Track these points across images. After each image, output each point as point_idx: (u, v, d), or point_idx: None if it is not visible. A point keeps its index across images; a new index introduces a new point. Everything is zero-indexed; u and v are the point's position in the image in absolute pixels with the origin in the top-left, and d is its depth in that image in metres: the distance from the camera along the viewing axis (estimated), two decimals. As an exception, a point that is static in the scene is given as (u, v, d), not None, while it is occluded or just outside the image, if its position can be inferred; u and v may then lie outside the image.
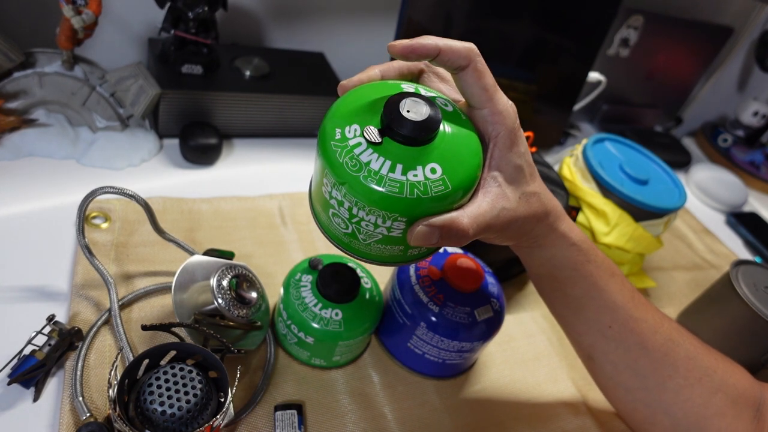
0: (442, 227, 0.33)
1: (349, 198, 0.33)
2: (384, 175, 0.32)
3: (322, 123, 0.35)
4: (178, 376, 0.39)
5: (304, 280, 0.50)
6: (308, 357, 0.51)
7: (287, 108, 0.78)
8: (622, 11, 0.99)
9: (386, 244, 0.35)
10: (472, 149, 0.35)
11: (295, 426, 0.46)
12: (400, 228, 0.34)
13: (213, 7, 0.70)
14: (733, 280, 0.64)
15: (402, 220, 0.33)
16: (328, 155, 0.33)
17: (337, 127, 0.34)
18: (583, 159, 0.72)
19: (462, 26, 0.75)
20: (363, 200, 0.33)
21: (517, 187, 0.36)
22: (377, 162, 0.32)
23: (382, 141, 0.33)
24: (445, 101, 0.36)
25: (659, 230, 0.71)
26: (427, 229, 0.33)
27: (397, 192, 0.32)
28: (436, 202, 0.33)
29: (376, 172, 0.32)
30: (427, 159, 0.33)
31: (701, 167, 1.12)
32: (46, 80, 0.64)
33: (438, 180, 0.33)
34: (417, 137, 0.32)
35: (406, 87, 0.36)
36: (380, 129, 0.33)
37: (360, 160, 0.32)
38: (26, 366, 0.42)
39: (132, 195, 0.48)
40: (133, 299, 0.52)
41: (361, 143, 0.33)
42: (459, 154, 0.34)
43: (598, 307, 0.44)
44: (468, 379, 0.56)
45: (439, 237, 0.33)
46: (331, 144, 0.33)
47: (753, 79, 1.36)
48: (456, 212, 0.34)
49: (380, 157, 0.32)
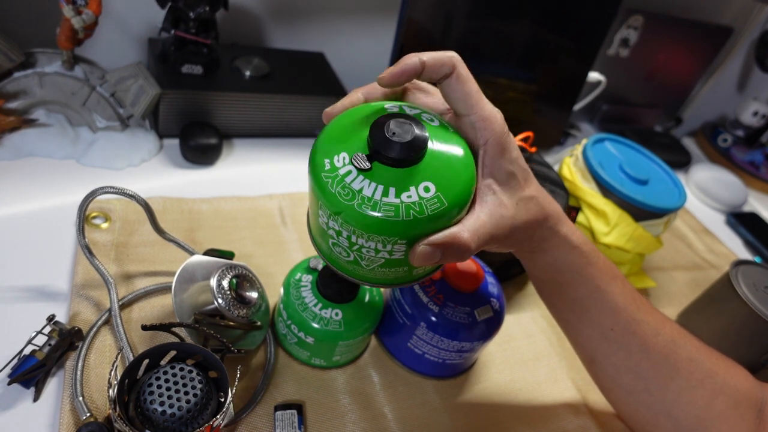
0: (444, 245, 0.33)
1: (346, 227, 0.33)
2: (378, 200, 0.32)
3: (311, 154, 0.34)
4: (178, 376, 0.39)
5: (304, 280, 0.51)
6: (308, 357, 0.51)
7: (287, 108, 0.78)
8: (622, 11, 0.99)
9: (390, 267, 0.35)
10: (463, 162, 0.34)
11: (295, 426, 0.46)
12: (401, 250, 0.34)
13: (214, 7, 0.70)
14: (733, 280, 0.64)
15: (402, 243, 0.33)
16: (321, 187, 0.33)
17: (326, 157, 0.33)
18: (583, 159, 0.72)
19: (462, 26, 0.75)
20: (360, 228, 0.32)
21: (513, 194, 0.36)
22: (369, 188, 0.32)
23: (371, 167, 0.32)
24: (431, 116, 0.36)
25: (659, 230, 0.71)
26: (429, 249, 0.33)
27: (393, 216, 0.32)
28: (434, 221, 0.33)
29: (370, 198, 0.32)
30: (420, 178, 0.33)
31: (701, 167, 1.12)
32: (46, 80, 0.64)
33: (433, 198, 0.32)
34: (406, 158, 0.32)
35: (389, 107, 0.36)
36: (368, 154, 0.33)
37: (352, 188, 0.32)
38: (26, 366, 0.42)
39: (132, 195, 0.48)
40: (134, 299, 0.52)
41: (351, 171, 0.32)
42: (451, 169, 0.34)
43: (600, 310, 0.44)
44: (468, 379, 0.56)
45: (441, 255, 0.33)
46: (322, 175, 0.33)
47: (753, 79, 1.36)
48: (455, 227, 0.34)
49: (372, 182, 0.32)
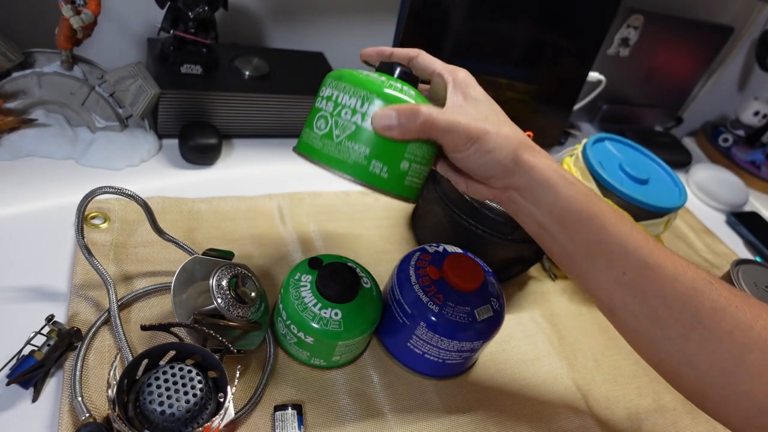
0: (401, 108, 0.39)
1: (339, 87, 0.41)
2: (374, 77, 0.41)
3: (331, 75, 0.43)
4: (178, 376, 0.39)
5: (304, 280, 0.50)
6: (308, 357, 0.51)
7: (287, 108, 0.78)
8: (622, 11, 0.99)
9: (355, 141, 0.40)
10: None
11: (295, 426, 0.46)
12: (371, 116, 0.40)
13: (213, 6, 0.70)
14: (734, 279, 0.64)
15: (377, 104, 0.39)
16: (334, 71, 0.43)
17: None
18: (583, 159, 0.72)
19: (462, 26, 0.75)
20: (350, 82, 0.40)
21: (478, 110, 0.41)
22: (374, 74, 0.41)
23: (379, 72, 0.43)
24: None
25: (659, 230, 0.70)
26: (387, 110, 0.39)
27: (380, 82, 0.40)
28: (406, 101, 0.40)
29: (368, 74, 0.41)
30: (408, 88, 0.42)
31: (701, 167, 1.12)
32: (45, 80, 0.64)
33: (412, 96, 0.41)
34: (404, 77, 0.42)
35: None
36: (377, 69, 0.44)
37: (359, 70, 0.41)
38: (25, 366, 0.42)
39: (131, 195, 0.48)
40: (133, 299, 0.52)
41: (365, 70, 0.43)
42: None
43: (609, 254, 0.42)
44: (468, 379, 0.56)
45: (396, 117, 0.39)
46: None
47: (753, 79, 1.36)
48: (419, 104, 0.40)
49: (376, 74, 0.42)
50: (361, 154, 0.40)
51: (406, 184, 0.42)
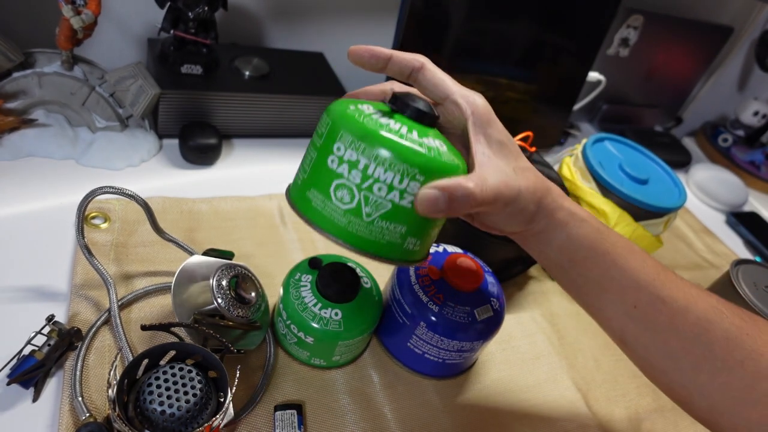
0: (449, 188, 0.33)
1: (368, 153, 0.33)
2: (403, 133, 0.34)
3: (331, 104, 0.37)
4: (178, 376, 0.39)
5: (304, 279, 0.50)
6: (308, 357, 0.51)
7: (287, 108, 0.78)
8: (622, 11, 0.99)
9: (390, 220, 0.34)
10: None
11: (295, 426, 0.46)
12: (413, 192, 0.34)
13: (213, 6, 0.70)
14: (734, 279, 0.64)
15: (418, 181, 0.33)
16: (346, 117, 0.34)
17: (350, 104, 0.36)
18: (583, 159, 0.72)
19: (462, 26, 0.75)
20: (384, 149, 0.33)
21: (508, 161, 0.37)
22: (396, 124, 0.34)
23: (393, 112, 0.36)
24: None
25: (659, 230, 0.70)
26: (434, 192, 0.33)
27: (418, 146, 0.33)
28: (448, 168, 0.34)
29: (396, 130, 0.34)
30: (435, 135, 0.36)
31: (701, 167, 1.12)
32: (45, 80, 0.64)
33: (446, 151, 0.35)
34: (423, 119, 0.36)
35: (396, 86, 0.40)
36: (390, 104, 0.36)
37: (379, 121, 0.34)
38: (25, 366, 0.42)
39: (131, 195, 0.48)
40: (133, 299, 0.52)
41: (376, 112, 0.35)
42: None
43: (620, 288, 0.42)
44: (468, 379, 0.56)
45: (446, 202, 0.33)
46: (349, 108, 0.35)
47: (753, 79, 1.36)
48: (461, 176, 0.35)
49: (398, 122, 0.34)
50: (397, 234, 0.35)
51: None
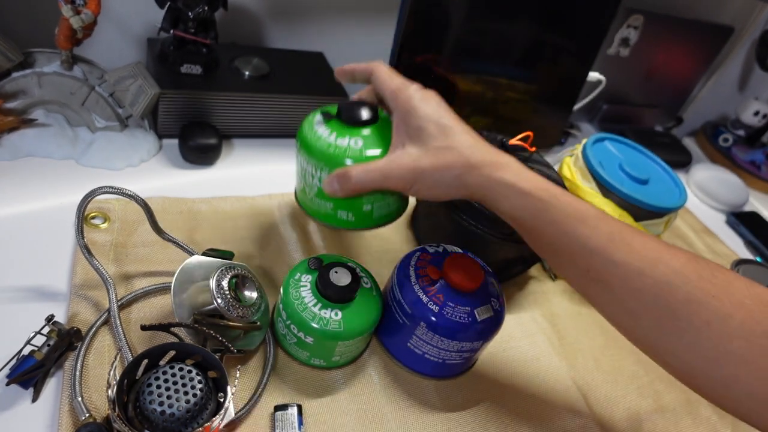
0: (336, 174, 0.45)
1: (301, 153, 0.49)
2: (324, 137, 0.47)
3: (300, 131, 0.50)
4: (178, 376, 0.39)
5: (304, 280, 0.50)
6: (308, 357, 0.51)
7: (287, 108, 0.78)
8: (622, 11, 0.99)
9: (320, 198, 0.48)
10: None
11: (295, 426, 0.46)
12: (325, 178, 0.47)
13: (213, 6, 0.70)
14: (734, 279, 0.64)
15: (326, 170, 0.47)
16: (300, 127, 0.50)
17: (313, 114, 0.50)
18: (583, 158, 0.72)
19: (462, 26, 0.75)
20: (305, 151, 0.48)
21: (422, 144, 0.44)
22: (325, 130, 0.47)
23: (331, 119, 0.48)
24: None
25: (659, 230, 0.70)
26: (329, 178, 0.46)
27: (327, 147, 0.46)
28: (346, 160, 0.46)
29: (320, 135, 0.47)
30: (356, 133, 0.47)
31: (702, 167, 1.12)
32: (44, 80, 0.64)
33: (356, 148, 0.46)
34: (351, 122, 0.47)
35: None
36: (334, 114, 0.48)
37: (315, 128, 0.48)
38: (25, 366, 0.42)
39: (131, 195, 0.48)
40: (133, 299, 0.52)
41: (320, 120, 0.48)
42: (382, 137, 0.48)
43: (571, 254, 0.43)
44: (468, 379, 0.56)
45: (336, 184, 0.45)
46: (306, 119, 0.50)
47: (754, 79, 1.36)
48: (354, 165, 0.45)
49: (327, 127, 0.47)
50: (329, 208, 0.48)
51: (375, 217, 0.49)
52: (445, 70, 0.78)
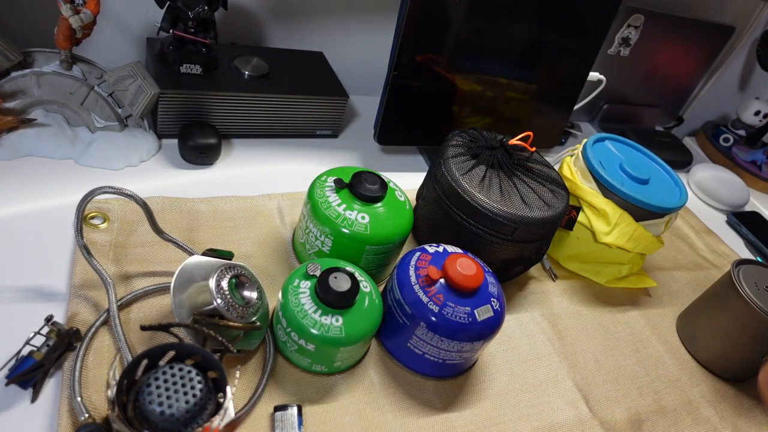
0: None
1: (309, 215, 0.56)
2: (333, 206, 0.55)
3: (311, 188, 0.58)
4: (177, 377, 0.39)
5: (303, 286, 0.50)
6: (309, 364, 0.50)
7: (287, 108, 0.78)
8: (623, 10, 0.99)
9: (318, 257, 0.56)
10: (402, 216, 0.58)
11: (295, 426, 0.46)
12: (328, 245, 0.56)
13: (213, 6, 0.70)
14: (735, 279, 0.64)
15: (331, 237, 0.55)
16: (310, 188, 0.58)
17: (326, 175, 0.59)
18: (583, 158, 0.71)
19: (462, 26, 0.75)
20: (314, 217, 0.56)
21: None
22: (336, 199, 0.56)
23: (343, 188, 0.56)
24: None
25: (660, 230, 0.70)
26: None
27: (335, 217, 0.55)
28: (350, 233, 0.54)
29: (330, 203, 0.55)
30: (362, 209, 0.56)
31: (702, 167, 1.12)
32: (44, 80, 0.64)
33: (364, 222, 0.55)
34: (362, 198, 0.56)
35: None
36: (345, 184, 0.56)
37: (326, 195, 0.56)
38: (24, 366, 0.42)
39: (130, 195, 0.48)
40: (132, 300, 0.52)
41: (332, 187, 0.57)
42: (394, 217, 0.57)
43: None
44: (468, 379, 0.56)
45: None
46: (319, 180, 0.58)
47: (754, 79, 1.36)
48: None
49: (338, 197, 0.56)
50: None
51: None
52: (445, 70, 0.78)
